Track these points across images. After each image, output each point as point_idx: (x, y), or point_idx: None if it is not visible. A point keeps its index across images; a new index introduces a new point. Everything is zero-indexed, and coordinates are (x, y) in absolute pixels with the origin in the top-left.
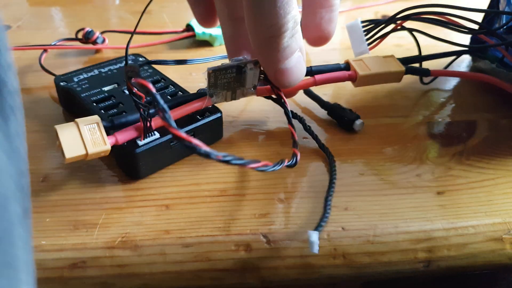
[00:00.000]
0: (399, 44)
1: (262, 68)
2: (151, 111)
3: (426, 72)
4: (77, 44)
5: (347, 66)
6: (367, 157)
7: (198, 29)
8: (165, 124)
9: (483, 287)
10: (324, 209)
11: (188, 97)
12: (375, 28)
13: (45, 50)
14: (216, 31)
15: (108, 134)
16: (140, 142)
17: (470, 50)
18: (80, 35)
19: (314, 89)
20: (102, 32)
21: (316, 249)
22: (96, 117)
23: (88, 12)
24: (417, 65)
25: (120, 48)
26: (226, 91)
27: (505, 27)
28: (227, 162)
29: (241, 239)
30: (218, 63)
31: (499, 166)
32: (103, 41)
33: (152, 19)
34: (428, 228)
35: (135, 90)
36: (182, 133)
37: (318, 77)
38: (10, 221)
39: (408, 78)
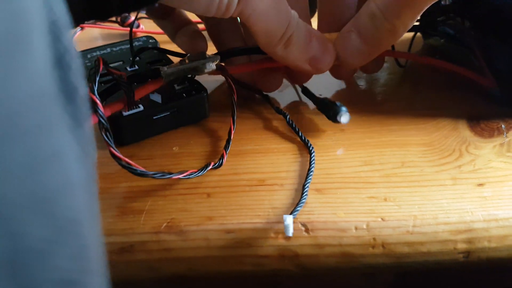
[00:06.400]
0: None
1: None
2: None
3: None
4: (113, 25)
5: None
6: (406, 148)
7: None
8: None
9: None
10: (301, 195)
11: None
12: None
13: (81, 28)
14: None
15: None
16: (125, 113)
17: (422, 25)
18: (118, 19)
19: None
20: (138, 19)
21: (290, 232)
22: None
23: None
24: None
25: (150, 33)
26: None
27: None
28: (155, 178)
29: (280, 227)
30: None
31: None
32: (138, 26)
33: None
34: (468, 219)
35: (113, 71)
36: (119, 154)
37: None
38: (86, 234)
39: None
